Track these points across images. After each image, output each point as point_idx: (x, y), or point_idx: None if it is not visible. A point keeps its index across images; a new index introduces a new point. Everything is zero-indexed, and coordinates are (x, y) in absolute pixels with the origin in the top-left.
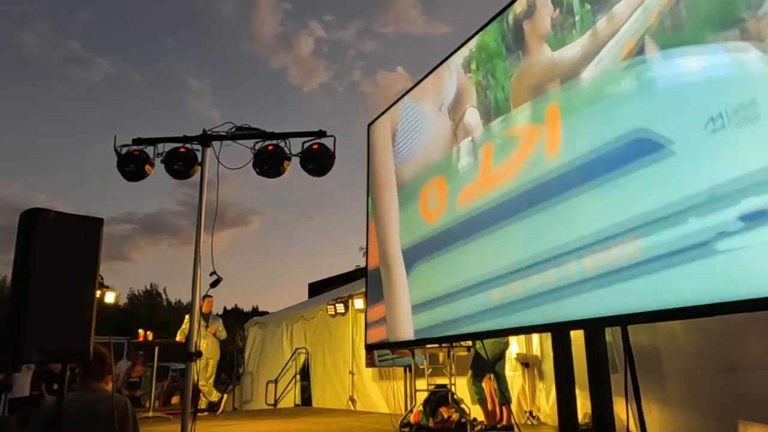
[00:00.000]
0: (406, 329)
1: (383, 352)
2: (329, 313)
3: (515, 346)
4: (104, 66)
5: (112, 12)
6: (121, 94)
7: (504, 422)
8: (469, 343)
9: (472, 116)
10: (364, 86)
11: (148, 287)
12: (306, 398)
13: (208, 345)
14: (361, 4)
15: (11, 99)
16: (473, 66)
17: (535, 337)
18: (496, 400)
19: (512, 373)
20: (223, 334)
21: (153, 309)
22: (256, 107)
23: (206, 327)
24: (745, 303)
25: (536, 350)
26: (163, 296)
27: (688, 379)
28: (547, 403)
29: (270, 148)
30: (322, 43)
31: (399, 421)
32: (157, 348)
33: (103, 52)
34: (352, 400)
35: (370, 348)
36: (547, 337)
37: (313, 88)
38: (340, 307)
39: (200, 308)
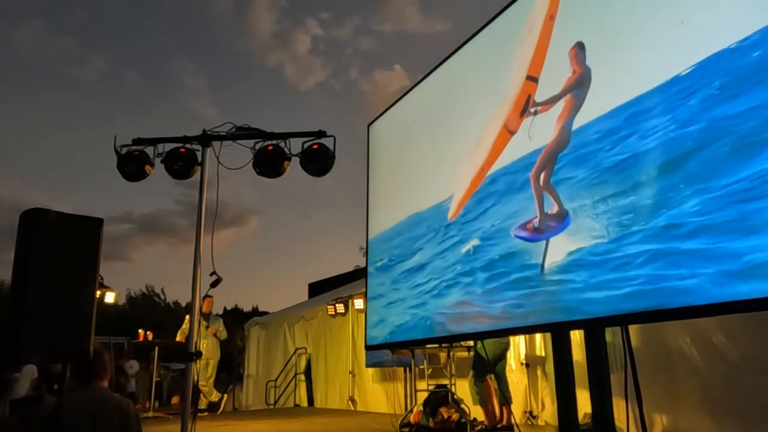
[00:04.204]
0: (406, 328)
1: None
2: (329, 313)
3: (519, 346)
4: (99, 64)
5: (106, 10)
6: (117, 92)
7: (504, 422)
8: (470, 343)
9: None
10: (362, 85)
11: (144, 290)
12: (309, 398)
13: (208, 345)
14: (358, 2)
15: (8, 98)
16: None
17: (538, 336)
18: (497, 401)
19: (517, 375)
20: (224, 335)
21: (152, 310)
22: (253, 105)
23: (207, 327)
24: (745, 303)
25: (539, 350)
26: (161, 296)
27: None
28: (552, 404)
29: (270, 148)
30: (318, 41)
31: (399, 421)
32: (157, 348)
33: (98, 50)
34: (352, 400)
35: (370, 348)
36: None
37: (310, 87)
38: (340, 307)
39: (200, 308)
